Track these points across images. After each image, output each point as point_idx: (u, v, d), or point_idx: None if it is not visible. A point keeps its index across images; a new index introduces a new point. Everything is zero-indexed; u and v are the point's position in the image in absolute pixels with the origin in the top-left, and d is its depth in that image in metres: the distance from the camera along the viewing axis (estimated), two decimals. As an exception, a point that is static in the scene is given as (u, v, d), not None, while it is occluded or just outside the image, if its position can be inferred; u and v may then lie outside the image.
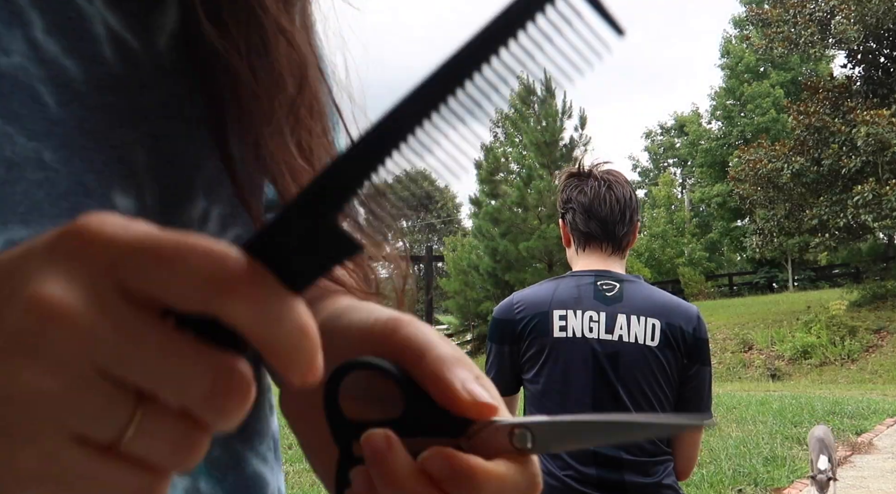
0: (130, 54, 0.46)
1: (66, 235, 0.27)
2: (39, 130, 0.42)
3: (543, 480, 1.99)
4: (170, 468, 0.28)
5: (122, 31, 0.46)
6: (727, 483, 5.44)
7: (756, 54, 26.06)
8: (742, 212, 25.91)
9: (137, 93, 0.46)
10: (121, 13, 0.46)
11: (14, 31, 0.41)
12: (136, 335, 0.26)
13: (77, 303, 0.26)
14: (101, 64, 0.45)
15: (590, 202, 1.90)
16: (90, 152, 0.44)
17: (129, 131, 0.46)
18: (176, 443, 0.28)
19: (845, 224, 16.82)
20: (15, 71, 0.41)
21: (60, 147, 0.42)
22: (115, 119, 0.45)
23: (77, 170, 0.43)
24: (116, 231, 0.26)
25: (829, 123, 17.15)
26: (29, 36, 0.42)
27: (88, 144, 0.44)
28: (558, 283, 1.89)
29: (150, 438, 0.27)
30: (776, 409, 8.80)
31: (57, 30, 0.43)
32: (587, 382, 1.79)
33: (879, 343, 15.40)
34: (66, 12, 0.44)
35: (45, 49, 0.42)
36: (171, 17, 0.49)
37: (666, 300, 1.86)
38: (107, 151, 0.44)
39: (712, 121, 38.45)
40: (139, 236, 0.27)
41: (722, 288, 29.95)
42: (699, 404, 1.85)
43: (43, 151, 0.42)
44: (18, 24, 0.42)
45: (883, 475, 5.78)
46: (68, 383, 0.26)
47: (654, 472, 1.79)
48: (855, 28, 17.54)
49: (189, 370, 0.27)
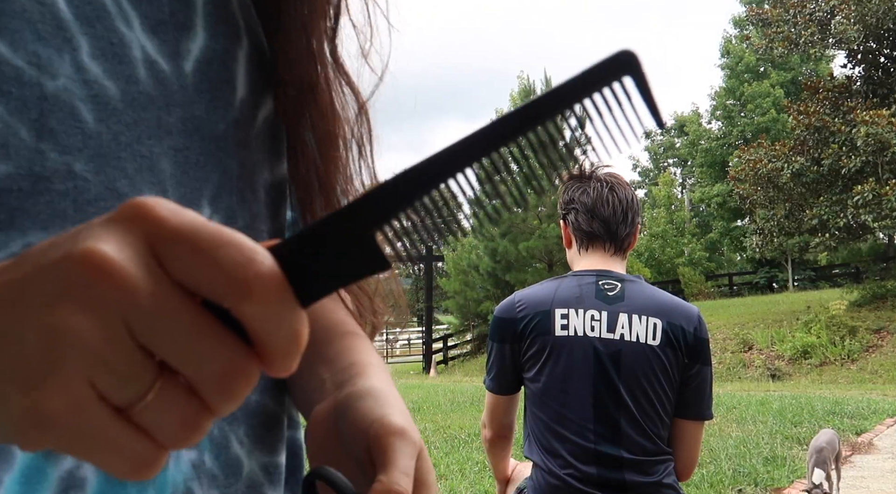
0: (161, 76, 0.53)
1: (126, 208, 0.30)
2: (73, 144, 0.47)
3: (544, 479, 1.97)
4: (171, 443, 0.30)
5: (155, 55, 0.53)
6: (727, 483, 5.44)
7: (756, 54, 26.04)
8: (742, 212, 25.91)
9: (165, 111, 0.53)
10: (157, 39, 0.53)
11: (63, 56, 0.47)
12: (170, 308, 0.29)
13: (126, 264, 0.28)
14: (136, 84, 0.51)
15: (593, 203, 1.90)
16: (122, 161, 0.50)
17: (156, 144, 0.52)
18: (183, 419, 0.30)
19: (845, 224, 16.81)
20: (58, 92, 0.47)
21: (93, 158, 0.48)
22: (144, 133, 0.51)
23: (109, 178, 0.49)
24: (167, 214, 0.29)
25: (829, 123, 17.14)
26: (76, 59, 0.48)
27: (121, 154, 0.50)
28: (560, 282, 1.89)
29: (162, 410, 0.29)
30: (776, 409, 8.80)
31: (101, 54, 0.49)
32: (588, 381, 1.79)
33: (879, 343, 15.40)
34: (110, 38, 0.50)
35: (89, 71, 0.48)
36: (197, 44, 0.56)
37: (667, 300, 1.86)
38: (137, 161, 0.51)
39: (712, 121, 38.45)
40: (184, 223, 0.29)
41: (722, 288, 29.94)
42: (700, 403, 1.85)
43: (74, 162, 0.47)
44: (68, 50, 0.47)
45: (883, 475, 5.78)
46: (106, 338, 0.28)
47: (655, 471, 1.78)
48: (855, 28, 17.53)
49: (209, 351, 0.29)
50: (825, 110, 17.64)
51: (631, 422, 1.77)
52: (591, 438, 1.77)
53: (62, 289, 0.28)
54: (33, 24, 0.46)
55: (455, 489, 5.37)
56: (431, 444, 7.16)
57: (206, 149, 0.56)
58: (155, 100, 0.52)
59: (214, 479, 0.56)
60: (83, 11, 0.49)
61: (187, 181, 0.55)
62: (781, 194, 17.89)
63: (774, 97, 33.75)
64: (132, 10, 0.52)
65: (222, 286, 0.29)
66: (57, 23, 0.47)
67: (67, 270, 0.28)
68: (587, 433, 1.77)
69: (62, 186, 0.47)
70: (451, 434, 7.75)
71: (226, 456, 0.57)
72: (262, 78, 0.62)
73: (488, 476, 5.68)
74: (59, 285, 0.28)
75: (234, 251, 0.29)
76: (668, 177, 39.19)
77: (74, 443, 0.29)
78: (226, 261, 0.29)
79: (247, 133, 0.60)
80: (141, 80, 0.52)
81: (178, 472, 0.53)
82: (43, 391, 0.28)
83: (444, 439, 7.47)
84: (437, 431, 7.96)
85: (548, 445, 1.80)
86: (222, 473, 0.57)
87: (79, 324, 0.28)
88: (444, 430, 8.01)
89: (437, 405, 10.07)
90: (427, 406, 10.04)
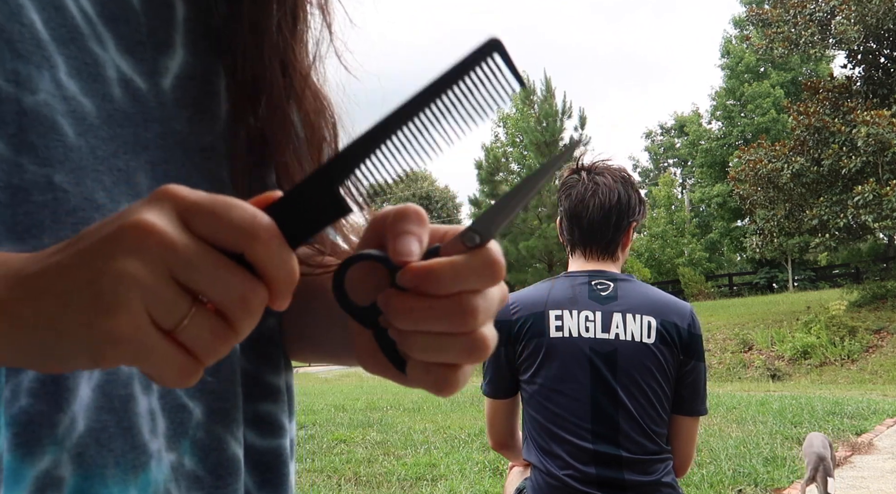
0: (137, 93, 0.56)
1: (157, 192, 0.40)
2: (54, 156, 0.50)
3: (543, 480, 1.96)
4: (205, 355, 0.40)
5: (131, 74, 0.56)
6: (727, 483, 5.43)
7: (756, 54, 26.01)
8: (742, 212, 25.88)
9: (142, 127, 0.56)
10: (132, 59, 0.57)
11: (43, 73, 0.51)
12: (199, 254, 0.39)
13: (165, 227, 0.39)
14: (111, 101, 0.54)
15: (573, 209, 1.89)
16: (100, 174, 0.53)
17: (132, 158, 0.55)
18: (214, 335, 0.40)
19: (845, 224, 16.79)
20: (39, 107, 0.50)
21: (73, 170, 0.51)
22: (121, 148, 0.55)
23: (88, 189, 0.52)
24: (187, 192, 0.40)
25: (829, 123, 17.12)
26: (55, 77, 0.51)
27: (99, 167, 0.53)
28: (553, 283, 1.89)
29: (198, 329, 0.39)
30: (776, 409, 8.80)
31: (77, 73, 0.53)
32: (585, 381, 1.79)
33: (879, 343, 15.40)
34: (84, 58, 0.53)
35: (66, 88, 0.52)
36: (176, 61, 0.59)
37: (660, 298, 1.87)
38: (114, 174, 0.54)
39: (712, 121, 38.45)
40: (201, 196, 0.40)
41: (722, 288, 29.94)
42: (695, 399, 1.86)
43: (53, 174, 0.50)
44: (47, 68, 0.51)
45: (883, 475, 5.78)
46: (154, 277, 0.38)
47: (654, 470, 1.79)
48: (855, 28, 17.52)
49: (232, 280, 0.40)
50: (825, 111, 17.62)
51: (629, 421, 1.77)
52: (589, 438, 1.77)
53: (122, 247, 0.38)
54: (13, 44, 0.50)
55: (455, 489, 5.37)
56: (431, 444, 7.16)
57: (190, 161, 0.59)
58: (131, 117, 0.56)
59: (198, 480, 0.57)
60: (59, 33, 0.52)
61: None
62: (781, 194, 17.87)
63: (774, 97, 33.74)
64: (106, 32, 0.55)
65: (236, 236, 0.40)
66: (36, 42, 0.51)
67: (124, 234, 0.38)
68: (585, 433, 1.77)
69: (41, 197, 0.50)
70: (451, 434, 7.74)
71: (217, 458, 0.58)
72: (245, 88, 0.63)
73: (488, 476, 5.68)
74: (121, 244, 0.38)
75: (240, 211, 0.40)
76: (668, 177, 39.19)
77: (137, 358, 0.39)
78: (235, 218, 0.40)
79: (235, 143, 0.62)
80: (116, 98, 0.55)
81: (160, 473, 0.54)
82: (116, 318, 0.38)
83: (444, 439, 7.47)
84: (437, 431, 7.96)
85: (546, 446, 1.80)
86: (210, 475, 0.58)
87: (137, 269, 0.38)
88: (444, 430, 8.01)
89: (437, 406, 10.07)
90: (427, 406, 10.04)
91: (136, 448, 0.53)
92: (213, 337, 0.40)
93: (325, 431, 7.84)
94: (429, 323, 0.44)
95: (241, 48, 0.63)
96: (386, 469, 6.03)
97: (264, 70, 0.63)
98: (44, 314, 0.39)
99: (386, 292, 0.45)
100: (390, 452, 6.76)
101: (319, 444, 7.12)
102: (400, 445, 7.06)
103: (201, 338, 0.39)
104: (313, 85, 0.67)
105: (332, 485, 5.57)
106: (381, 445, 7.10)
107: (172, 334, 0.39)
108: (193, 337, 0.39)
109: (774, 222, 18.14)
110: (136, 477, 0.53)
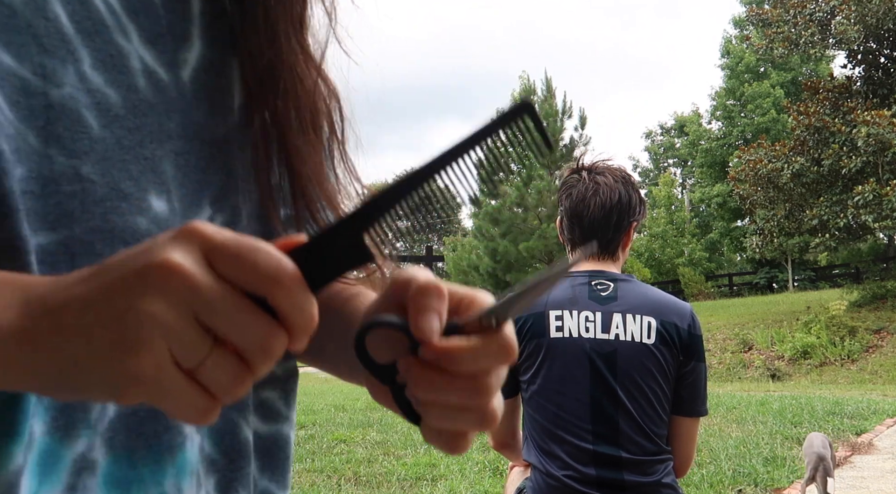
0: (160, 84, 0.58)
1: (183, 230, 0.40)
2: (80, 148, 0.52)
3: (543, 481, 1.96)
4: (223, 395, 0.40)
5: (154, 65, 0.57)
6: (727, 483, 5.43)
7: (756, 54, 26.01)
8: (742, 212, 25.88)
9: (165, 117, 0.57)
10: (155, 50, 0.58)
11: (68, 67, 0.52)
12: (222, 296, 0.39)
13: (191, 268, 0.39)
14: (136, 92, 0.56)
15: (574, 208, 1.89)
16: (127, 164, 0.54)
17: (157, 147, 0.56)
18: (233, 376, 0.40)
19: (845, 224, 16.78)
20: (64, 100, 0.51)
21: (99, 161, 0.52)
22: (146, 137, 0.56)
23: (114, 179, 0.53)
24: (213, 232, 0.40)
25: (829, 123, 17.10)
26: (79, 70, 0.52)
27: (125, 157, 0.54)
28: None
29: (217, 370, 0.40)
30: (776, 409, 8.79)
31: (101, 65, 0.54)
32: (585, 382, 1.78)
33: (879, 343, 15.39)
34: (109, 50, 0.54)
35: (91, 81, 0.53)
36: (194, 54, 0.61)
37: (660, 298, 1.86)
38: (141, 163, 0.55)
39: (712, 121, 38.44)
40: (227, 238, 0.40)
41: (722, 288, 29.93)
42: (695, 399, 1.86)
43: (81, 165, 0.51)
44: (72, 61, 0.52)
45: (883, 475, 5.78)
46: (178, 317, 0.38)
47: (654, 471, 1.78)
48: (855, 28, 17.51)
49: (253, 324, 0.40)
50: (825, 111, 17.61)
51: (629, 422, 1.77)
52: (589, 439, 1.77)
53: (148, 286, 0.38)
54: (39, 38, 0.51)
55: (455, 489, 5.37)
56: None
57: (207, 153, 0.61)
58: (155, 106, 0.57)
59: (213, 463, 0.61)
60: (83, 26, 0.53)
61: (188, 183, 0.59)
62: (781, 194, 17.86)
63: (774, 97, 33.73)
64: (130, 24, 0.57)
65: (259, 280, 0.40)
66: (61, 36, 0.52)
67: (150, 273, 0.39)
68: (585, 434, 1.77)
69: (69, 188, 0.51)
70: (451, 434, 7.73)
71: (231, 441, 0.62)
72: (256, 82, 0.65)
73: (488, 476, 5.68)
74: (146, 283, 0.38)
75: (265, 256, 0.40)
76: (668, 177, 39.15)
77: (158, 396, 0.39)
78: (261, 263, 0.40)
79: (246, 136, 0.64)
80: (140, 88, 0.56)
81: (193, 453, 0.58)
82: (138, 357, 0.38)
83: (443, 439, 7.45)
84: (436, 431, 7.94)
85: (546, 447, 1.80)
86: (224, 458, 0.61)
87: (161, 310, 0.38)
88: (444, 430, 8.00)
89: (437, 406, 10.06)
90: (427, 407, 10.03)
91: (170, 429, 0.56)
92: (232, 378, 0.40)
93: (325, 431, 7.84)
94: (446, 396, 0.46)
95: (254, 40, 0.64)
96: (386, 469, 6.02)
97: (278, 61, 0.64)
98: (66, 348, 0.39)
99: (408, 361, 0.47)
100: (390, 452, 6.76)
101: (319, 444, 7.11)
102: (400, 445, 7.05)
103: (220, 379, 0.40)
104: (322, 72, 0.68)
105: (332, 485, 5.57)
106: (381, 445, 7.09)
107: (192, 373, 0.39)
108: (212, 377, 0.40)
109: (774, 222, 18.13)
110: (174, 457, 0.56)
